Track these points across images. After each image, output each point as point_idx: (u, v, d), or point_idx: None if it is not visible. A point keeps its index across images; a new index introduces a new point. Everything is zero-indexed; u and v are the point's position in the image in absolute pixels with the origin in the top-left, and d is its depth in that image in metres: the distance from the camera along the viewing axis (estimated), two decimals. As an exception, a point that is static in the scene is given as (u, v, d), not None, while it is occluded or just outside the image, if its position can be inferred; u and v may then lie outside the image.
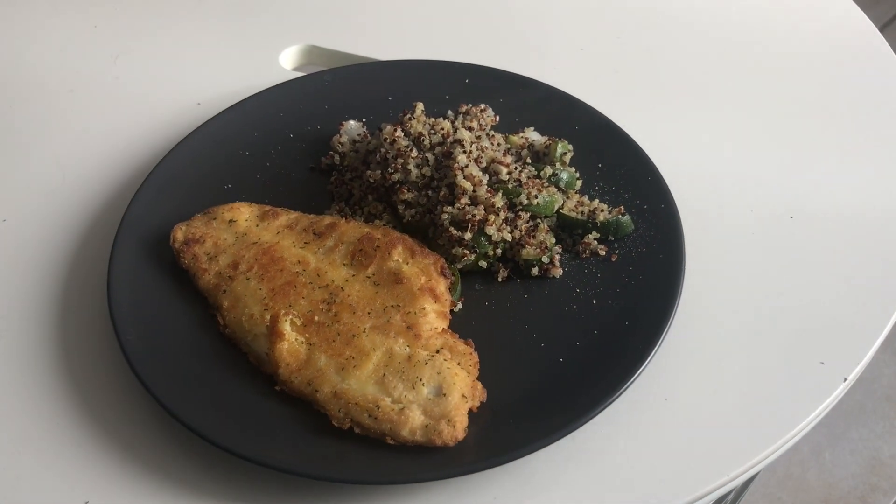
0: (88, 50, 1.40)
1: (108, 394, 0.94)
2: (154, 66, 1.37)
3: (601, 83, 1.33)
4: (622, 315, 0.97)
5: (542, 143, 1.12)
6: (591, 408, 0.88)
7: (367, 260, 0.98)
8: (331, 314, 0.94)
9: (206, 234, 1.02)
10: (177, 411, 0.87)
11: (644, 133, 1.16)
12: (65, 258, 1.08)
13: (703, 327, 1.00)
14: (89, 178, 1.18)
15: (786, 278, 1.06)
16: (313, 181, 1.15)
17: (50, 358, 0.98)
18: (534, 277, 1.02)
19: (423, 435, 0.85)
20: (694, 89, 1.33)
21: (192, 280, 1.00)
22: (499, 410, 0.90)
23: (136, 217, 1.05)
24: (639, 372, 0.91)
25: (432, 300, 0.96)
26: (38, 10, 1.47)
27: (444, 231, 1.02)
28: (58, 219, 1.13)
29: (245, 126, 1.19)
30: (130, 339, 0.93)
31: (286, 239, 1.02)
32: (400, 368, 0.90)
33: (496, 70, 1.26)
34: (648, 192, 1.09)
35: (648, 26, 1.45)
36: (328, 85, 1.26)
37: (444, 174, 1.04)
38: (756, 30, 1.44)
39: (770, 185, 1.17)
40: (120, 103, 1.31)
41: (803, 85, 1.34)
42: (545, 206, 1.04)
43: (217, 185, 1.12)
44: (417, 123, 1.10)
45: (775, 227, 1.12)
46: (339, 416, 0.87)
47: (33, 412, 0.93)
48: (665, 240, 1.04)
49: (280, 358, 0.90)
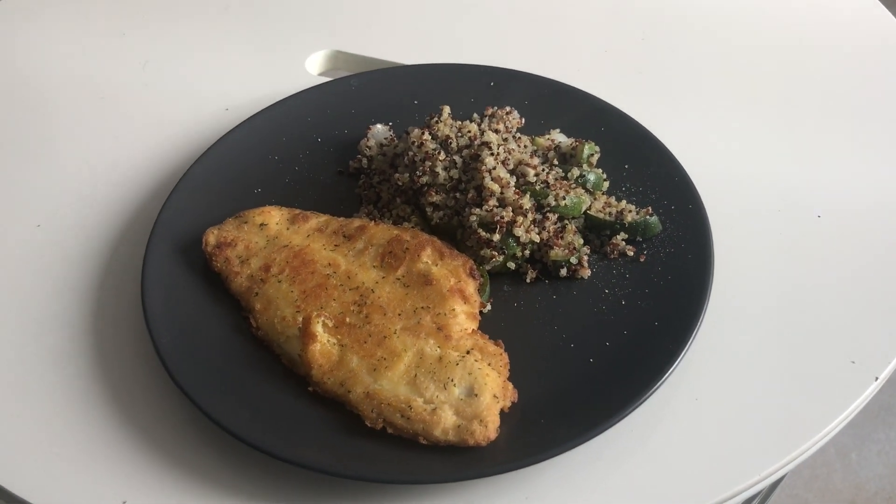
0: (117, 57, 1.42)
1: (143, 396, 0.96)
2: (182, 72, 1.39)
3: (626, 84, 1.33)
4: (651, 315, 0.98)
5: (568, 145, 1.13)
6: (622, 408, 0.88)
7: (397, 262, 0.99)
8: (362, 316, 0.95)
9: (238, 237, 1.04)
10: (212, 412, 0.88)
11: (669, 133, 1.16)
12: (98, 263, 1.09)
13: (733, 327, 1.01)
14: (121, 183, 1.20)
15: (815, 277, 1.06)
16: (341, 185, 1.16)
17: (85, 361, 0.99)
18: (562, 278, 1.03)
19: (456, 435, 0.86)
20: (719, 89, 1.33)
21: (224, 283, 1.01)
22: (529, 411, 0.90)
23: (169, 221, 1.07)
24: (669, 372, 0.91)
25: (462, 301, 0.96)
26: (67, 18, 1.49)
27: (472, 233, 1.03)
28: (90, 224, 1.14)
29: (274, 131, 1.20)
30: (165, 341, 0.94)
31: (316, 242, 1.03)
32: (431, 369, 0.90)
33: (521, 73, 1.27)
34: (676, 192, 1.09)
35: (672, 27, 1.45)
36: (355, 89, 1.27)
37: (472, 176, 1.05)
38: (782, 30, 1.44)
39: (797, 185, 1.17)
40: (149, 109, 1.32)
41: (830, 83, 1.34)
42: (573, 208, 1.05)
43: (247, 190, 1.13)
44: (444, 126, 1.11)
45: (803, 226, 1.12)
46: (372, 417, 0.88)
47: (70, 415, 0.94)
48: (693, 240, 1.04)
49: (313, 359, 0.91)
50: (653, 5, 1.49)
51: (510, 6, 1.51)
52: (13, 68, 1.40)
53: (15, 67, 1.40)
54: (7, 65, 1.41)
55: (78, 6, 1.52)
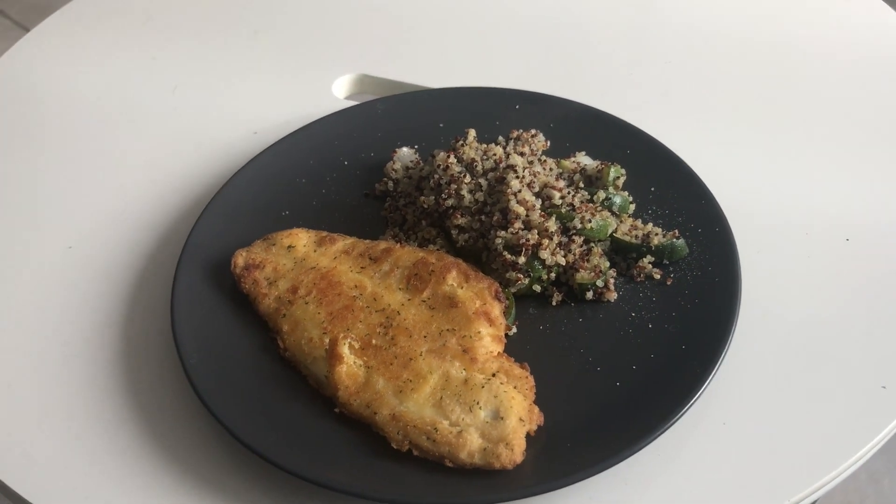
0: (147, 81, 1.44)
1: (171, 415, 0.97)
2: (211, 96, 1.41)
3: (651, 107, 1.33)
4: (679, 339, 0.97)
5: (594, 168, 1.13)
6: (649, 432, 0.88)
7: (423, 284, 0.99)
8: (388, 338, 0.95)
9: (266, 259, 1.05)
10: (239, 432, 0.89)
11: (695, 156, 1.16)
12: (127, 284, 1.11)
13: (761, 351, 1.00)
14: (150, 205, 1.21)
15: (843, 301, 1.05)
16: (368, 207, 1.17)
17: (114, 381, 1.00)
18: (588, 301, 1.03)
19: (482, 458, 0.86)
20: (745, 112, 1.33)
21: (252, 304, 1.02)
22: (556, 434, 0.90)
23: (198, 243, 1.08)
24: (697, 396, 0.91)
25: (487, 324, 0.96)
26: (98, 42, 1.52)
27: (497, 255, 1.03)
28: (121, 245, 1.16)
29: (301, 154, 1.21)
30: (194, 362, 0.95)
31: (343, 264, 1.03)
32: (457, 392, 0.91)
33: (546, 95, 1.28)
34: (702, 215, 1.09)
35: (697, 51, 1.45)
36: (381, 113, 1.28)
37: (498, 199, 1.05)
38: (810, 54, 1.43)
39: (825, 208, 1.16)
40: (179, 133, 1.34)
41: (857, 107, 1.33)
42: (599, 230, 1.05)
43: (275, 212, 1.15)
44: (470, 149, 1.12)
45: (831, 249, 1.11)
46: (398, 439, 0.88)
47: (100, 434, 0.95)
48: (720, 263, 1.03)
49: (339, 380, 0.92)
50: (677, 29, 1.50)
51: (534, 29, 1.52)
52: (46, 91, 1.43)
53: (48, 90, 1.43)
54: (40, 87, 1.44)
55: (110, 31, 1.54)
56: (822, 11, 1.52)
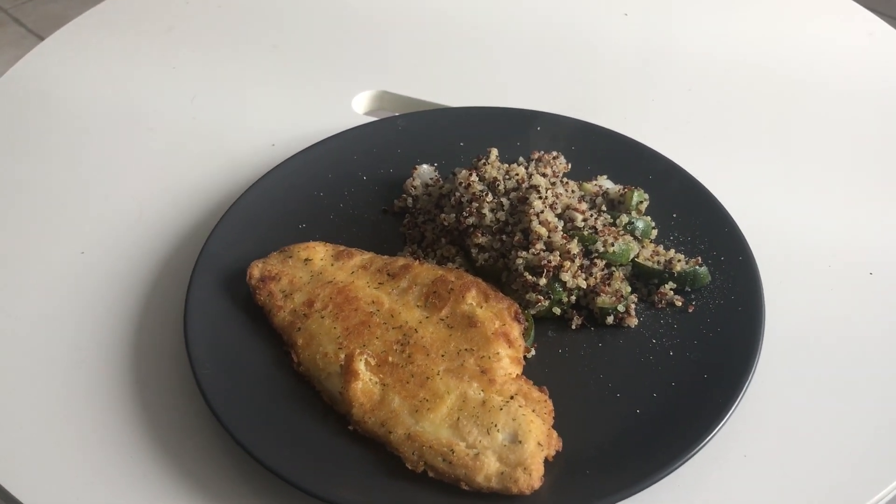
0: (166, 90, 1.44)
1: (181, 425, 0.95)
2: (230, 107, 1.40)
3: (672, 134, 1.32)
4: (700, 368, 0.95)
5: (616, 192, 1.12)
6: (670, 462, 0.86)
7: (441, 302, 0.98)
8: (405, 355, 0.94)
9: (282, 271, 1.03)
10: (250, 446, 0.87)
11: (717, 184, 1.15)
12: (141, 292, 1.09)
13: (784, 383, 0.98)
14: (165, 213, 1.20)
15: (868, 334, 1.03)
16: (386, 223, 1.16)
17: (125, 389, 0.98)
18: (608, 326, 1.01)
19: (499, 482, 0.84)
20: (768, 142, 1.32)
21: (267, 317, 1.00)
22: (574, 460, 0.88)
23: (214, 253, 1.07)
24: (719, 427, 0.89)
25: (506, 345, 0.95)
26: (119, 51, 1.52)
27: (518, 276, 1.01)
28: (135, 253, 1.14)
29: (320, 167, 1.20)
30: (206, 372, 0.93)
31: (360, 279, 1.02)
32: (474, 413, 0.89)
33: (568, 118, 1.27)
34: (725, 243, 1.07)
35: (719, 79, 1.44)
36: (401, 129, 1.27)
37: (519, 219, 1.04)
38: (834, 85, 1.43)
39: (848, 241, 1.15)
40: (196, 142, 1.33)
41: (883, 139, 1.32)
42: (621, 255, 1.03)
43: (292, 225, 1.13)
44: (492, 169, 1.11)
45: (855, 282, 1.09)
46: (413, 459, 0.86)
47: (109, 443, 0.93)
48: (743, 292, 1.02)
49: (354, 397, 0.90)
50: (699, 57, 1.49)
51: (556, 53, 1.51)
52: (62, 97, 1.42)
53: (63, 97, 1.42)
54: (55, 94, 1.43)
55: (130, 39, 1.54)
56: (845, 44, 1.51)
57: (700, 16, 1.59)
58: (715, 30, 1.55)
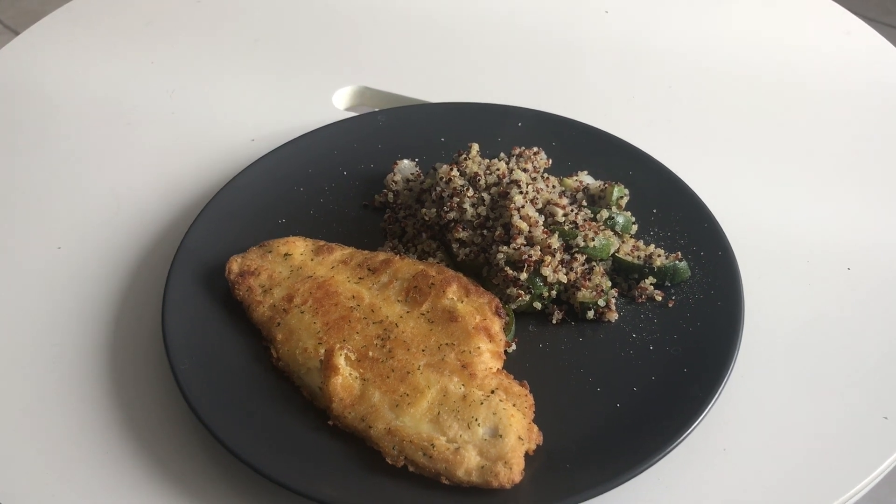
0: (145, 85, 1.42)
1: (160, 422, 0.94)
2: (209, 102, 1.39)
3: (653, 130, 1.33)
4: (680, 362, 0.96)
5: (596, 187, 1.12)
6: (649, 455, 0.86)
7: (422, 297, 0.98)
8: (385, 350, 0.93)
9: (262, 266, 1.02)
10: (229, 442, 0.86)
11: (697, 180, 1.16)
12: (119, 286, 1.08)
13: (762, 378, 0.98)
14: (143, 208, 1.19)
15: (845, 330, 1.04)
16: (366, 218, 1.15)
17: (103, 385, 0.97)
18: (589, 321, 1.01)
19: (480, 476, 0.84)
20: (747, 139, 1.33)
21: (246, 312, 0.99)
22: (554, 454, 0.88)
23: (192, 248, 1.06)
24: (698, 421, 0.89)
25: (487, 340, 0.95)
26: (97, 44, 1.50)
27: (499, 271, 1.01)
28: (112, 247, 1.13)
29: (300, 162, 1.20)
30: (184, 368, 0.92)
31: (341, 274, 1.01)
32: (455, 407, 0.88)
33: (549, 114, 1.27)
34: (705, 238, 1.08)
35: (699, 77, 1.45)
36: (382, 125, 1.26)
37: (500, 214, 1.04)
38: (811, 81, 1.43)
39: (826, 236, 1.15)
40: (175, 137, 1.32)
41: (861, 135, 1.33)
42: (601, 249, 1.03)
43: (271, 220, 1.13)
44: (473, 164, 1.11)
45: (832, 278, 1.10)
46: (393, 454, 0.86)
47: (85, 439, 0.92)
48: (723, 287, 1.02)
49: (334, 392, 0.89)
50: (678, 56, 1.49)
51: (538, 48, 1.51)
52: (41, 91, 1.41)
53: (43, 91, 1.41)
54: (35, 87, 1.41)
55: (108, 33, 1.53)
56: (824, 43, 1.52)
57: (680, 14, 1.60)
58: (695, 28, 1.56)
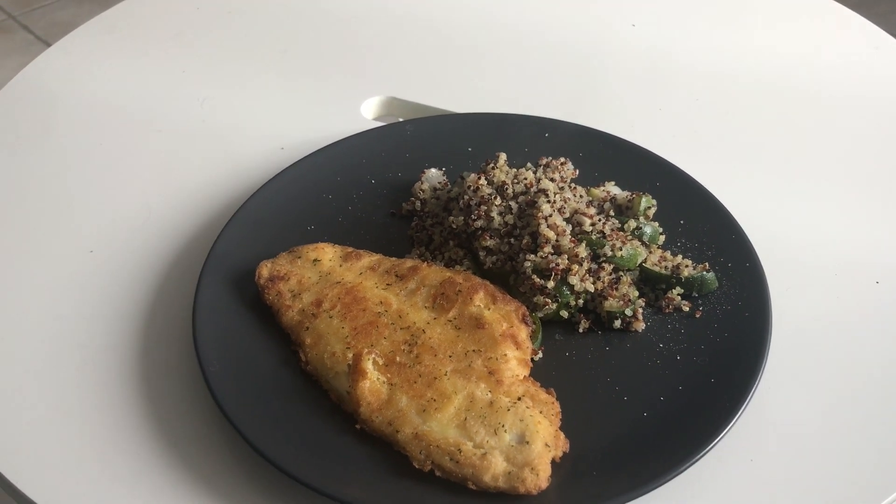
0: (176, 93, 1.44)
1: (190, 424, 0.95)
2: (239, 110, 1.41)
3: (679, 142, 1.33)
4: (707, 372, 0.96)
5: (624, 198, 1.12)
6: (676, 464, 0.86)
7: (449, 304, 0.98)
8: (412, 355, 0.94)
9: (291, 271, 1.03)
10: (257, 443, 0.87)
11: (723, 191, 1.15)
12: (150, 290, 1.10)
13: (790, 389, 0.98)
14: (174, 214, 1.21)
15: (874, 343, 1.03)
16: (394, 226, 1.16)
17: (133, 388, 0.99)
18: (615, 330, 1.01)
19: (506, 482, 0.84)
20: (774, 150, 1.32)
21: (275, 316, 1.01)
22: (581, 462, 0.88)
23: (223, 253, 1.07)
24: (725, 431, 0.89)
25: (514, 347, 0.95)
26: (129, 53, 1.52)
27: (526, 279, 1.02)
28: (144, 252, 1.15)
29: (329, 171, 1.21)
30: (214, 370, 0.93)
31: (369, 280, 1.02)
32: (482, 413, 0.89)
33: (576, 125, 1.27)
34: (732, 250, 1.08)
35: (726, 89, 1.45)
36: (410, 134, 1.28)
37: (528, 223, 1.04)
38: (841, 95, 1.43)
39: (855, 250, 1.15)
40: (205, 145, 1.34)
41: (888, 150, 1.32)
42: (629, 259, 1.04)
43: (300, 226, 1.14)
44: (500, 172, 1.11)
45: (861, 291, 1.09)
46: (420, 458, 0.86)
47: (117, 441, 0.94)
48: (751, 299, 1.02)
49: (362, 396, 0.90)
50: (705, 68, 1.49)
51: (564, 61, 1.52)
52: (74, 100, 1.43)
53: (75, 100, 1.43)
54: (67, 97, 1.44)
55: (139, 44, 1.55)
56: (853, 58, 1.52)
57: (707, 27, 1.60)
58: (721, 41, 1.56)
